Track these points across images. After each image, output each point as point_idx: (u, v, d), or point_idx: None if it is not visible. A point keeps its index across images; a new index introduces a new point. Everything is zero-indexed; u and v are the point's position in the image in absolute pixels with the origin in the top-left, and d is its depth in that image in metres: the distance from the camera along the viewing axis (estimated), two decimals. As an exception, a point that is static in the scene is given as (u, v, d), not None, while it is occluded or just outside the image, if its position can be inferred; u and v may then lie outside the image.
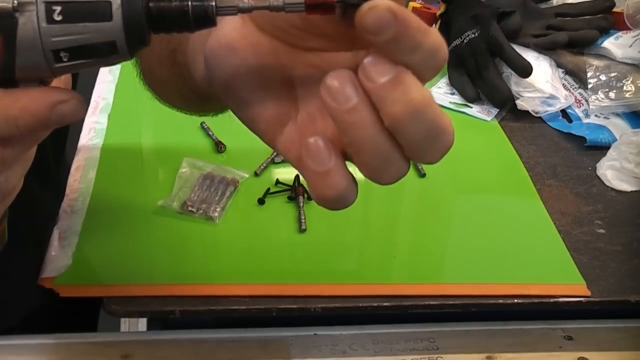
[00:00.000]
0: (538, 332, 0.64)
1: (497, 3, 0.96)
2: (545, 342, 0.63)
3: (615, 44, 0.96)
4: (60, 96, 0.33)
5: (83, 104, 0.34)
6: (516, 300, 0.64)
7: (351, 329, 0.63)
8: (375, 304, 0.63)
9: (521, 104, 0.91)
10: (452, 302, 0.63)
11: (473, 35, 0.94)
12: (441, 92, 0.95)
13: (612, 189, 0.80)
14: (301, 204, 0.72)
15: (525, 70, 0.89)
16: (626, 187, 0.80)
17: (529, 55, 0.93)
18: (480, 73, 0.93)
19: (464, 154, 0.81)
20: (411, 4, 1.09)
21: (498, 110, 0.92)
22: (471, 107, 0.93)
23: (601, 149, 0.85)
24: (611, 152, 0.82)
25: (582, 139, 0.87)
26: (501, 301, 0.64)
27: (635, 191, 0.79)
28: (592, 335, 0.64)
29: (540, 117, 0.91)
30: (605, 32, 1.00)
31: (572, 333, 0.64)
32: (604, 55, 0.97)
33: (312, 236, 0.70)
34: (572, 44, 0.98)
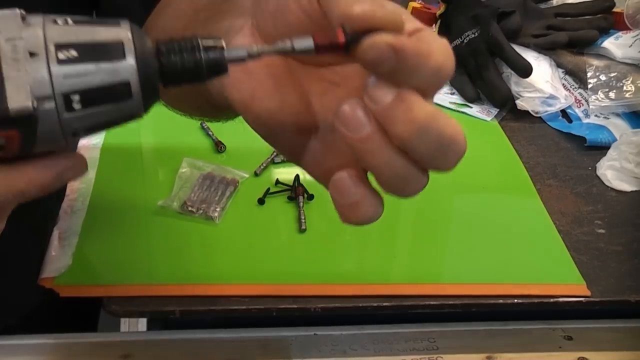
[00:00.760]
0: (538, 332, 0.64)
1: (497, 3, 0.96)
2: (545, 342, 0.63)
3: (615, 44, 0.97)
4: (67, 163, 0.34)
5: (86, 164, 0.35)
6: (516, 300, 0.64)
7: (351, 329, 0.63)
8: (375, 304, 0.63)
9: (521, 104, 0.91)
10: (452, 302, 0.63)
11: (473, 35, 0.94)
12: (441, 92, 0.95)
13: (612, 189, 0.80)
14: (301, 204, 0.72)
15: (525, 70, 0.89)
16: (626, 187, 0.80)
17: (529, 55, 0.93)
18: (480, 73, 0.93)
19: (464, 154, 0.81)
20: (411, 4, 1.08)
21: (498, 110, 0.92)
22: (471, 107, 0.93)
23: (601, 149, 0.85)
24: (611, 152, 0.82)
25: (582, 139, 0.87)
26: (501, 301, 0.64)
27: (635, 191, 0.79)
28: (592, 335, 0.64)
29: (540, 117, 0.91)
30: (605, 32, 1.00)
31: (572, 333, 0.64)
32: (604, 55, 0.97)
33: (312, 236, 0.70)
34: (572, 44, 0.98)
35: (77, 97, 0.30)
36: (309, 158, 0.38)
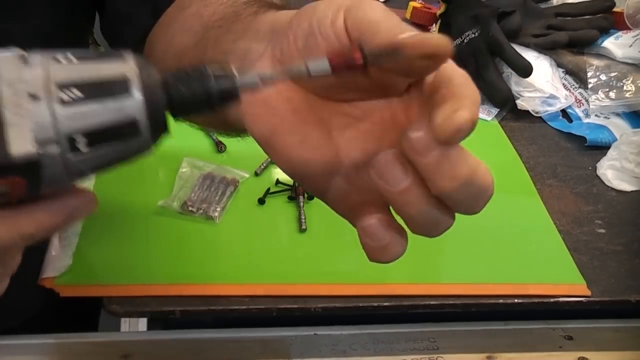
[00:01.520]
0: (538, 332, 0.64)
1: (497, 3, 0.96)
2: (545, 342, 0.63)
3: (615, 44, 0.96)
4: (76, 203, 0.33)
5: (96, 201, 0.34)
6: (516, 300, 0.64)
7: (351, 329, 0.63)
8: (375, 304, 0.63)
9: (521, 103, 0.91)
10: (452, 302, 0.63)
11: (473, 35, 0.94)
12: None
13: (612, 188, 0.80)
14: (301, 204, 0.72)
15: (525, 70, 0.89)
16: (626, 187, 0.80)
17: (529, 55, 0.93)
18: (481, 73, 0.93)
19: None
20: (411, 4, 1.08)
21: (498, 110, 0.92)
22: (471, 107, 0.93)
23: (601, 148, 0.85)
24: (611, 152, 0.82)
25: (582, 139, 0.87)
26: (501, 301, 0.64)
27: (636, 191, 0.79)
28: (592, 335, 0.64)
29: (540, 117, 0.91)
30: (605, 32, 1.00)
31: (572, 333, 0.64)
32: (604, 55, 0.97)
33: (312, 236, 0.70)
34: (572, 44, 0.98)
35: (82, 139, 0.29)
36: (332, 194, 0.37)
